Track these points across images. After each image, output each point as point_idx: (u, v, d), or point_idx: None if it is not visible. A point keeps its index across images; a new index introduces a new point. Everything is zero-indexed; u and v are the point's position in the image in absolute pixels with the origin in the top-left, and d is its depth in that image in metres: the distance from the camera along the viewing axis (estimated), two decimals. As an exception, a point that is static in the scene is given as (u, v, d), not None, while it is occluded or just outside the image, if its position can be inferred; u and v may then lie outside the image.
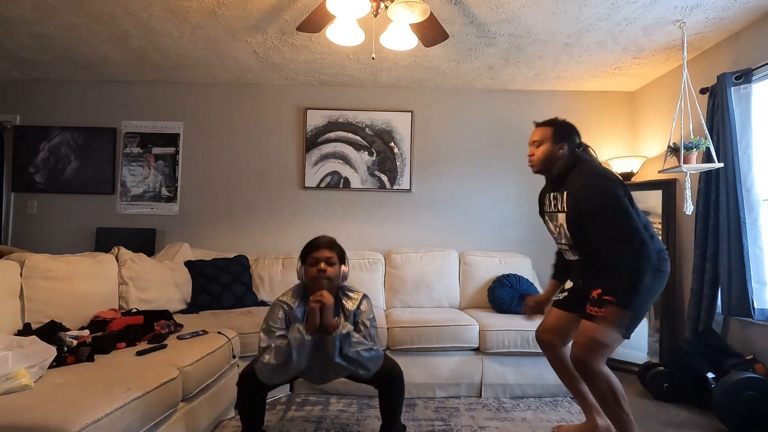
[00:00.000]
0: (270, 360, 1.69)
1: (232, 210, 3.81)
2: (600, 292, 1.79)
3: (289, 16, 2.69)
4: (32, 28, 2.90)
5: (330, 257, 1.82)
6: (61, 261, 2.25)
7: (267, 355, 1.70)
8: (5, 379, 1.40)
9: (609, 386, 1.78)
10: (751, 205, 2.63)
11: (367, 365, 1.75)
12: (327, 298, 1.73)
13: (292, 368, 1.70)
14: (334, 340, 1.70)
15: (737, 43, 2.79)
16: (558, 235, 1.96)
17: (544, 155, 1.93)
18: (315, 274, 1.79)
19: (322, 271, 1.78)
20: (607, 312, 1.72)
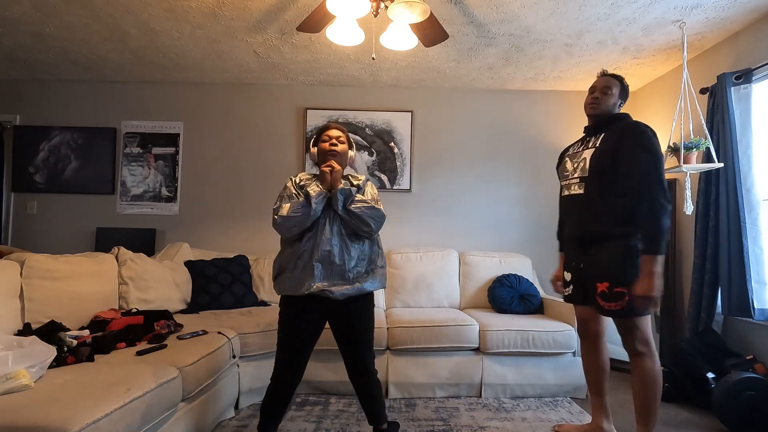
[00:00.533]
0: (288, 211, 1.77)
1: (232, 210, 3.81)
2: (608, 285, 1.82)
3: (289, 16, 2.69)
4: (32, 28, 2.90)
5: (339, 136, 1.94)
6: (61, 261, 2.25)
7: (284, 207, 1.78)
8: (5, 379, 1.40)
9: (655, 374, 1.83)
10: (751, 205, 2.63)
11: (368, 220, 1.81)
12: (336, 166, 1.86)
13: (310, 216, 1.77)
14: (338, 194, 1.80)
15: (737, 43, 2.79)
16: (573, 170, 2.00)
17: (609, 103, 2.01)
18: (326, 148, 1.91)
19: (333, 145, 1.91)
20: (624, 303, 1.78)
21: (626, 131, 1.87)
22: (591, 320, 2.06)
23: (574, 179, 1.99)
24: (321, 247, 1.79)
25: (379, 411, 1.95)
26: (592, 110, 2.03)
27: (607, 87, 2.01)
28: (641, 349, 1.83)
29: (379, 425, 1.95)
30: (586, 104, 2.05)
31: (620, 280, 1.79)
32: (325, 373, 2.69)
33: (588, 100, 2.05)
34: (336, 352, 2.63)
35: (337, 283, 1.80)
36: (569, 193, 2.02)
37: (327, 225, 1.82)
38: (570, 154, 2.11)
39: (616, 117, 1.99)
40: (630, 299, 1.76)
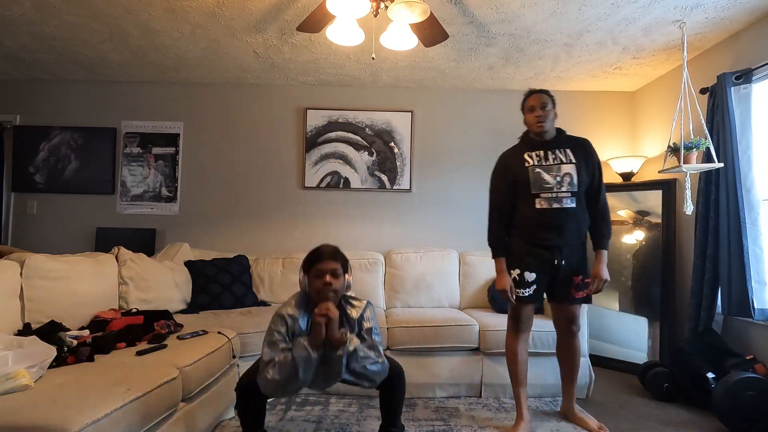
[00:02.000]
0: (274, 376, 1.64)
1: (232, 210, 3.81)
2: (582, 277, 2.19)
3: (289, 16, 2.69)
4: (32, 28, 2.90)
5: (335, 269, 1.76)
6: (61, 261, 2.25)
7: (271, 370, 1.64)
8: (5, 379, 1.40)
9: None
10: (751, 205, 2.63)
11: (373, 378, 1.75)
12: (332, 311, 1.67)
13: (298, 384, 1.67)
14: (341, 358, 1.66)
15: (737, 43, 2.79)
16: (558, 183, 2.14)
17: (551, 117, 2.22)
18: (321, 287, 1.73)
19: (328, 284, 1.72)
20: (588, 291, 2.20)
21: (588, 148, 2.22)
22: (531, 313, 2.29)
23: (564, 193, 2.13)
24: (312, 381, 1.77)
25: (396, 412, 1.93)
26: (540, 128, 2.20)
27: (544, 104, 2.19)
28: (580, 329, 2.30)
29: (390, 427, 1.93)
30: (533, 124, 2.21)
31: (587, 273, 2.22)
32: (325, 373, 2.69)
33: (533, 119, 2.20)
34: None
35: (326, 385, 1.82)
36: (560, 206, 2.13)
37: (317, 377, 1.74)
38: (539, 165, 2.18)
39: (561, 131, 2.28)
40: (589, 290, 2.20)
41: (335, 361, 1.67)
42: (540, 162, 2.18)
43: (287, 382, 1.64)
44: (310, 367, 1.65)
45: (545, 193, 2.14)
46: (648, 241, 3.32)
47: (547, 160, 2.18)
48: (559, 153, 2.18)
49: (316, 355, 1.66)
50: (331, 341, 1.67)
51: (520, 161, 2.22)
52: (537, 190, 2.15)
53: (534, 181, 2.16)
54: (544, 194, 2.14)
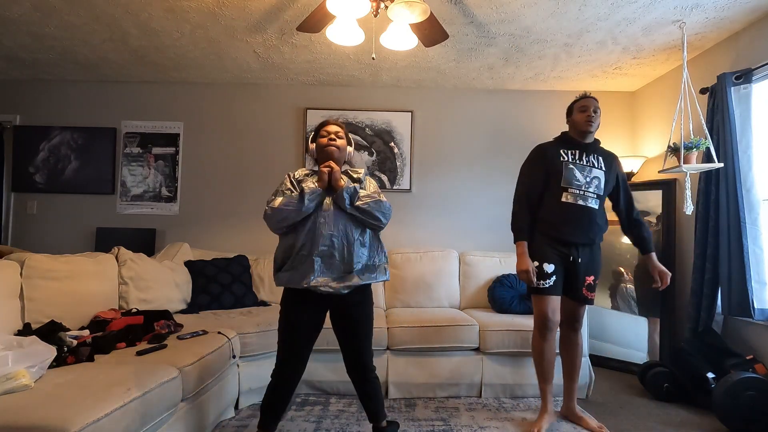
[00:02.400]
0: (280, 203, 1.78)
1: (232, 210, 3.81)
2: (593, 278, 2.27)
3: (289, 16, 2.69)
4: (32, 28, 2.90)
5: (338, 132, 1.94)
6: (61, 261, 2.25)
7: (277, 199, 1.80)
8: (5, 379, 1.40)
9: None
10: (751, 205, 2.63)
11: (376, 214, 1.84)
12: (335, 165, 1.86)
13: (303, 210, 1.78)
14: (343, 192, 1.81)
15: (737, 43, 2.79)
16: (587, 183, 2.23)
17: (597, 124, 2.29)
18: (325, 142, 1.90)
19: (332, 139, 1.90)
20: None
21: (616, 162, 2.34)
22: (558, 310, 2.27)
23: (590, 194, 2.22)
24: (320, 242, 1.79)
25: (378, 409, 1.95)
26: (589, 128, 2.25)
27: (598, 108, 2.28)
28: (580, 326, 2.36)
29: (378, 423, 1.95)
30: (582, 122, 2.25)
31: (599, 275, 2.31)
32: (325, 373, 2.69)
33: (584, 118, 2.24)
34: (336, 351, 2.63)
35: (337, 278, 1.81)
36: (584, 204, 2.21)
37: (327, 221, 1.81)
38: (573, 162, 2.25)
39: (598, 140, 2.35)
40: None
41: (338, 197, 1.81)
42: (574, 160, 2.26)
43: (294, 207, 1.78)
44: (314, 197, 1.80)
45: (573, 189, 2.21)
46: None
47: (581, 161, 2.26)
48: (593, 158, 2.27)
49: (319, 191, 1.81)
50: (334, 188, 1.84)
51: (556, 155, 2.28)
52: (566, 184, 2.22)
53: (566, 176, 2.23)
54: (572, 190, 2.21)
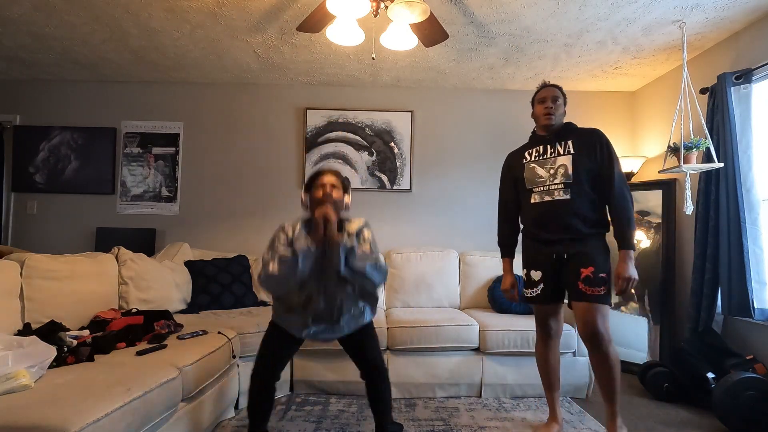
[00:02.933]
0: (274, 270, 1.71)
1: (232, 210, 3.81)
2: (593, 269, 1.96)
3: (289, 16, 2.69)
4: (32, 28, 2.90)
5: (334, 183, 1.85)
6: (61, 261, 2.25)
7: (271, 265, 1.72)
8: (5, 379, 1.40)
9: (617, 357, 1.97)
10: (751, 205, 2.63)
11: (372, 276, 1.78)
12: (331, 214, 1.75)
13: (297, 277, 1.73)
14: (339, 251, 1.74)
15: (737, 43, 2.79)
16: (551, 176, 2.08)
17: (561, 112, 2.16)
18: (320, 197, 1.80)
19: (327, 194, 1.80)
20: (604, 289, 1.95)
21: (595, 137, 2.08)
22: (553, 316, 2.16)
23: (556, 185, 2.06)
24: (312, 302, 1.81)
25: (385, 410, 1.96)
26: (548, 120, 2.14)
27: (556, 98, 2.15)
28: (607, 336, 1.95)
29: (384, 425, 1.95)
30: (541, 115, 2.16)
31: (602, 267, 1.98)
32: (325, 373, 2.69)
33: (542, 111, 2.15)
34: (335, 351, 2.64)
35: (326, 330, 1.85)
36: (551, 198, 2.07)
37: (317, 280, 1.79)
38: (534, 160, 2.16)
39: (569, 125, 2.18)
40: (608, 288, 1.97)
41: (333, 255, 1.75)
42: (537, 157, 2.16)
43: (287, 273, 1.71)
44: (309, 258, 1.73)
45: (537, 187, 2.12)
46: (648, 241, 3.31)
47: (544, 155, 2.14)
48: (558, 146, 2.11)
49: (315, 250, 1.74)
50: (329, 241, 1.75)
51: (520, 158, 2.23)
52: (531, 185, 2.14)
53: (528, 177, 2.16)
54: (537, 188, 2.12)
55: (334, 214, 1.76)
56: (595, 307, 1.94)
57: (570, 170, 2.04)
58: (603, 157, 2.03)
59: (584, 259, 1.99)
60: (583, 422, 2.38)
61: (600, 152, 2.04)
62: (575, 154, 2.05)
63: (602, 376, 1.98)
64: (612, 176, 2.00)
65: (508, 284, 2.27)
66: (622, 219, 1.99)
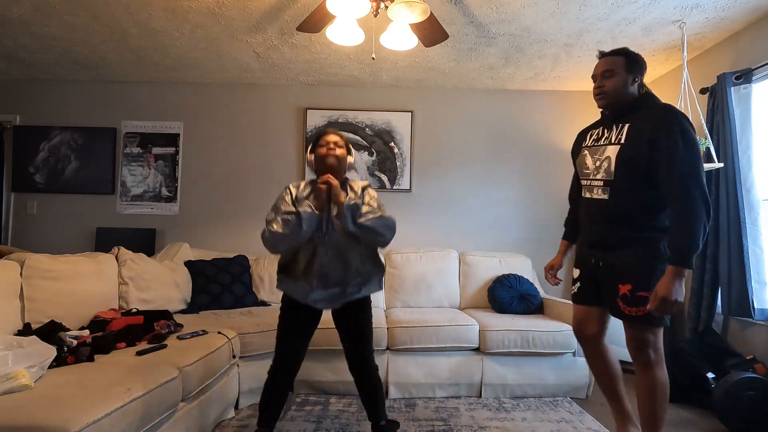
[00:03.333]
0: (278, 228, 1.74)
1: (232, 210, 3.81)
2: (631, 287, 1.65)
3: (289, 16, 2.69)
4: (32, 28, 2.90)
5: (337, 141, 1.89)
6: (61, 261, 2.25)
7: (275, 224, 1.75)
8: (5, 379, 1.40)
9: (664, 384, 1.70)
10: (751, 205, 2.63)
11: (379, 230, 1.79)
12: (333, 179, 1.79)
13: (301, 236, 1.76)
14: (344, 210, 1.76)
15: (737, 43, 2.79)
16: (595, 169, 1.76)
17: (617, 86, 1.72)
18: (324, 152, 1.85)
19: (331, 149, 1.85)
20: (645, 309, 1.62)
21: (659, 122, 1.60)
22: (589, 322, 1.87)
23: (597, 181, 1.74)
24: (316, 262, 1.82)
25: (378, 407, 1.96)
26: (600, 101, 1.77)
27: (607, 70, 1.75)
28: (653, 358, 1.68)
29: (378, 422, 1.95)
30: (594, 96, 1.79)
31: (644, 283, 1.63)
32: (325, 373, 2.69)
33: (594, 92, 1.80)
34: (335, 351, 2.63)
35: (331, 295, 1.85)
36: (591, 196, 1.77)
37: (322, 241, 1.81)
38: (589, 146, 1.83)
39: (640, 100, 1.72)
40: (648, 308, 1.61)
41: (340, 215, 1.76)
42: (594, 142, 1.82)
43: (291, 233, 1.74)
44: (312, 222, 1.76)
45: (584, 179, 1.84)
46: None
47: (600, 141, 1.79)
48: (615, 130, 1.72)
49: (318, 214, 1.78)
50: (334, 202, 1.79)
51: (582, 139, 1.91)
52: (581, 176, 1.87)
53: (579, 165, 1.88)
54: (583, 181, 1.84)
55: (336, 180, 1.81)
56: (637, 331, 1.68)
57: (613, 165, 1.68)
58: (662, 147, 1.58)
59: (621, 274, 1.68)
60: (583, 422, 2.38)
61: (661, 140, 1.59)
62: (625, 143, 1.67)
63: (642, 404, 1.73)
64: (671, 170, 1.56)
65: (549, 264, 2.08)
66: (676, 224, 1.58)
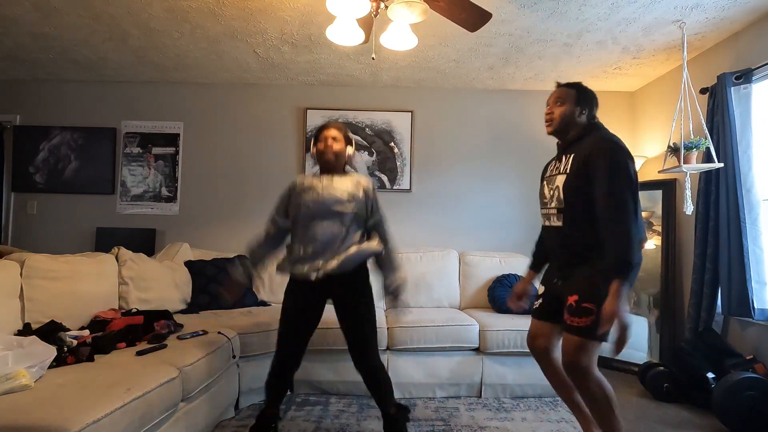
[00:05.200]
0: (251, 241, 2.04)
1: (232, 210, 3.81)
2: (577, 298, 1.71)
3: (289, 16, 2.69)
4: (32, 28, 2.89)
5: (335, 136, 1.94)
6: (61, 261, 2.25)
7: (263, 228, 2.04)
8: (5, 379, 1.40)
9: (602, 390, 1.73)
10: (751, 205, 2.63)
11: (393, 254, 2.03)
12: (232, 295, 2.11)
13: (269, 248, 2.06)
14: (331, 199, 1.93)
15: (737, 43, 2.78)
16: (549, 198, 1.87)
17: (564, 115, 1.86)
18: (322, 148, 1.92)
19: (328, 145, 1.91)
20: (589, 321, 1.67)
21: (593, 152, 1.73)
22: (541, 336, 1.96)
23: (552, 209, 1.86)
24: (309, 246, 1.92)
25: (385, 395, 1.97)
26: (547, 126, 1.90)
27: (558, 98, 1.88)
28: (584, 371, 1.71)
29: (387, 409, 1.96)
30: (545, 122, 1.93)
31: (588, 295, 1.69)
32: (325, 373, 2.69)
33: (545, 118, 1.92)
34: (335, 351, 2.64)
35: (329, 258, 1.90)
36: (549, 224, 1.88)
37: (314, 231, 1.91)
38: (546, 176, 1.96)
39: (585, 131, 1.84)
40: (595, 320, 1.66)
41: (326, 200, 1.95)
42: (549, 173, 1.94)
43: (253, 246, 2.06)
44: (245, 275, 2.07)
45: (543, 209, 1.94)
46: (648, 241, 3.31)
47: (553, 171, 1.91)
48: (564, 161, 1.84)
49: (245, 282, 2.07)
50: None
51: (544, 172, 2.02)
52: (541, 205, 1.97)
53: (540, 196, 1.98)
54: (543, 210, 1.95)
55: (231, 295, 2.08)
56: (573, 340, 1.72)
57: (561, 193, 1.80)
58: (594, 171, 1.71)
59: (571, 286, 1.77)
60: (583, 422, 2.38)
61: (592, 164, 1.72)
62: (569, 173, 1.79)
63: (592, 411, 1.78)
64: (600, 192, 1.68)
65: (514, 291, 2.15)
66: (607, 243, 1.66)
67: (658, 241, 3.26)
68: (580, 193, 1.75)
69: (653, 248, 3.28)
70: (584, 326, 1.69)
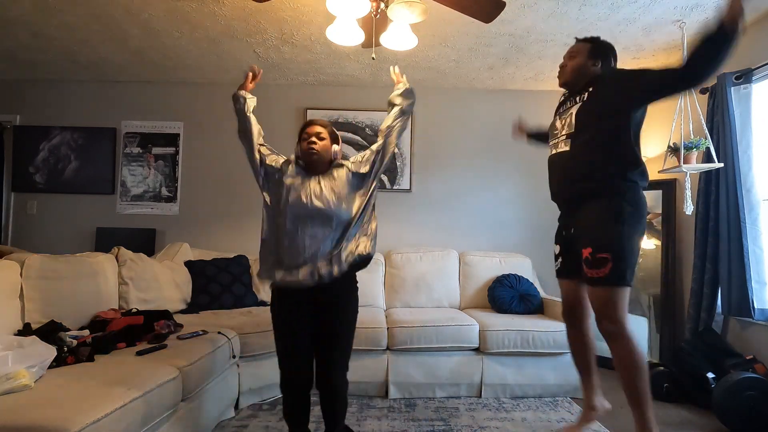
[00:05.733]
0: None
1: (232, 210, 3.81)
2: (591, 251, 1.72)
3: (289, 16, 2.69)
4: (32, 28, 2.90)
5: (320, 132, 1.84)
6: (61, 261, 2.25)
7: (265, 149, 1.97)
8: (5, 379, 1.40)
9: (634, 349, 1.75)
10: (751, 205, 2.63)
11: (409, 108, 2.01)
12: None
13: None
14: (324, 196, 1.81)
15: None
16: (561, 128, 1.92)
17: (575, 67, 1.90)
18: (305, 147, 1.82)
19: (312, 143, 1.81)
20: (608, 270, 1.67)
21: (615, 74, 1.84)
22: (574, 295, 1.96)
23: (561, 137, 1.89)
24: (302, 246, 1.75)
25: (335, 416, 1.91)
26: (559, 78, 1.96)
27: (572, 52, 1.93)
28: (619, 325, 1.71)
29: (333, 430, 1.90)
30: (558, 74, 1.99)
31: (602, 245, 1.69)
32: (325, 373, 2.69)
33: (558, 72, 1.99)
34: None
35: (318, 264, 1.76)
36: (556, 151, 1.93)
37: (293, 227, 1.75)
38: (560, 112, 2.01)
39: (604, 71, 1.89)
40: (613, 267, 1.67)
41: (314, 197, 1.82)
42: (564, 107, 1.98)
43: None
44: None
45: (552, 140, 1.96)
46: (648, 241, 3.31)
47: (566, 104, 1.96)
48: (580, 96, 1.88)
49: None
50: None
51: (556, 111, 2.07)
52: (551, 138, 1.99)
53: (550, 130, 2.02)
54: (552, 141, 1.97)
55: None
56: (599, 292, 1.72)
57: (574, 119, 1.84)
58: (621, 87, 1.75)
59: (583, 238, 1.79)
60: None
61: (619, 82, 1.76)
62: (587, 101, 1.82)
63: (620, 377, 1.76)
64: (656, 77, 1.71)
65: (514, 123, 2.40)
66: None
67: (658, 241, 3.26)
68: (592, 116, 1.79)
69: (653, 248, 3.28)
70: (605, 276, 1.69)
